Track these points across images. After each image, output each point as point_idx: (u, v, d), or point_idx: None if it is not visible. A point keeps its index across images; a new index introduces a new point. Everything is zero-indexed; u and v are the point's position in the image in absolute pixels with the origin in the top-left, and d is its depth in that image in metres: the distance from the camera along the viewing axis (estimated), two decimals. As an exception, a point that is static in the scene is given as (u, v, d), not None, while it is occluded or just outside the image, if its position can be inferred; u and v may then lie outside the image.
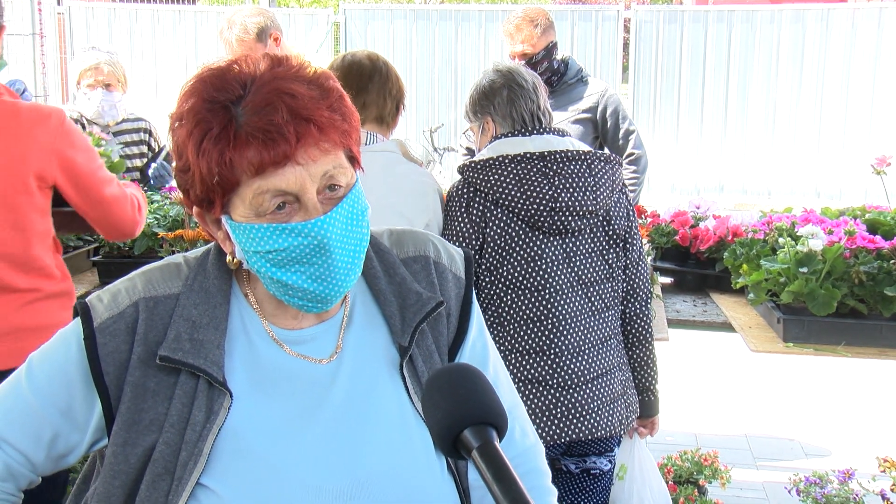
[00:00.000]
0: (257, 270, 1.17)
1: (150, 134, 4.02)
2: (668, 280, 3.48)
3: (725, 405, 5.12)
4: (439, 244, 1.35)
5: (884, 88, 9.25)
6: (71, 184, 2.23)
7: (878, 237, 2.87)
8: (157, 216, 3.27)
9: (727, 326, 3.05)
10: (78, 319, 1.20)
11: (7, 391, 1.22)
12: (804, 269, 2.79)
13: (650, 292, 2.49)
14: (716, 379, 5.54)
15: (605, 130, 3.92)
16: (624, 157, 3.97)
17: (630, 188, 3.97)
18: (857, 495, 3.20)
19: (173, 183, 3.52)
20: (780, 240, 2.96)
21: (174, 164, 1.20)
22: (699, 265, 3.40)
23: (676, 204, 3.70)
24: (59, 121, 2.19)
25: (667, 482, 3.46)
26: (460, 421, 0.93)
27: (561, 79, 3.89)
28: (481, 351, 1.34)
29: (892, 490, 3.09)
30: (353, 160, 1.19)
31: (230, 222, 1.15)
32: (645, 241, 3.14)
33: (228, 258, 1.21)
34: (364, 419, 1.21)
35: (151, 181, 3.78)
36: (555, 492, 1.39)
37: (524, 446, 1.36)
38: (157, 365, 1.17)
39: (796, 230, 2.99)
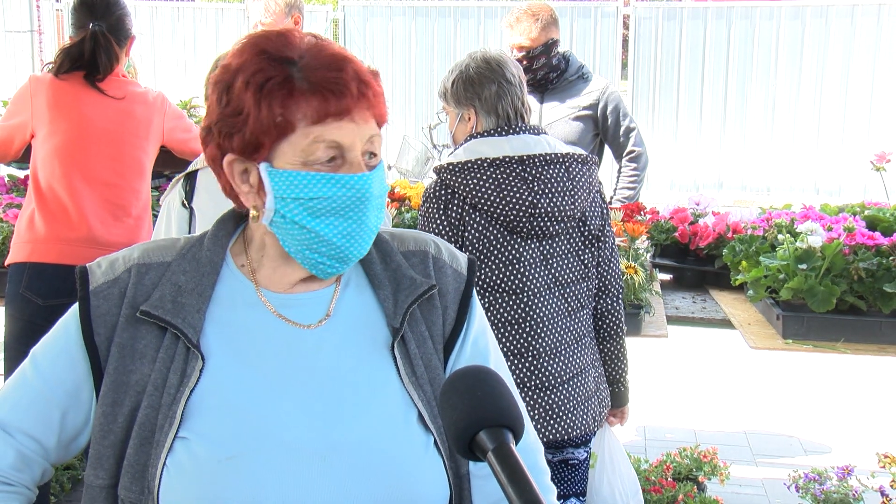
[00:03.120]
0: (290, 219, 1.19)
1: None
2: (667, 277, 3.48)
3: (724, 402, 5.12)
4: (441, 244, 1.38)
5: (883, 85, 9.23)
6: (172, 141, 3.16)
7: (877, 234, 2.87)
8: (156, 212, 3.27)
9: (726, 323, 3.05)
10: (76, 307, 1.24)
11: (14, 383, 1.26)
12: (803, 266, 2.79)
13: (622, 288, 2.51)
14: (715, 376, 5.54)
15: (605, 127, 3.91)
16: (625, 154, 3.96)
17: (630, 185, 3.97)
18: (856, 492, 3.20)
19: None
20: (780, 236, 2.96)
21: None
22: (698, 262, 3.40)
23: (676, 200, 3.71)
24: (162, 99, 3.13)
25: (666, 478, 3.47)
26: (476, 423, 0.94)
27: (561, 75, 3.87)
28: (483, 350, 1.35)
29: (891, 486, 3.09)
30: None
31: (270, 169, 1.18)
32: (644, 237, 3.14)
33: (253, 213, 1.23)
34: (346, 388, 1.22)
35: None
36: (554, 490, 1.40)
37: (524, 444, 1.36)
38: (145, 327, 1.20)
39: (795, 227, 2.99)
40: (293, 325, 1.25)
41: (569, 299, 2.36)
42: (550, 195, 2.29)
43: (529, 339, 2.31)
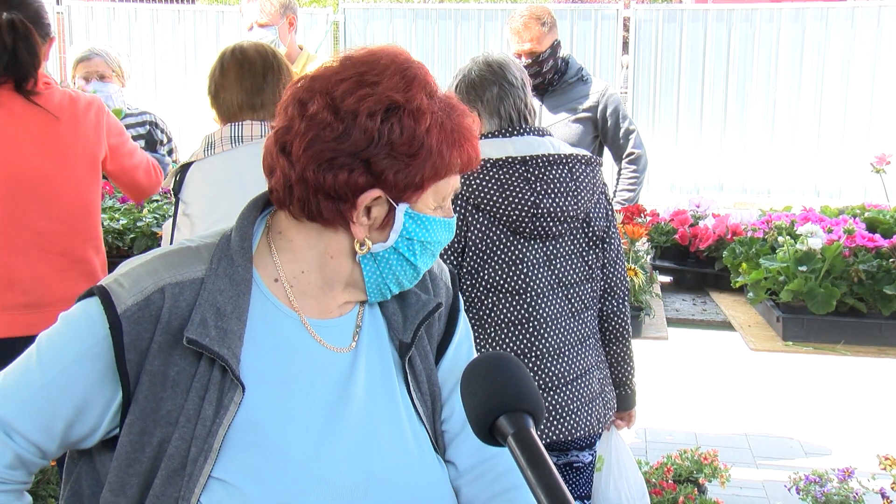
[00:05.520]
0: (402, 255, 1.20)
1: (156, 126, 3.97)
2: (667, 279, 3.48)
3: (725, 404, 5.12)
4: None
5: (883, 87, 9.24)
6: (111, 158, 2.63)
7: (877, 235, 2.87)
8: (157, 215, 3.26)
9: (726, 325, 3.05)
10: (92, 304, 1.16)
11: (18, 379, 1.17)
12: (803, 268, 2.79)
13: (627, 290, 2.50)
14: (715, 378, 5.54)
15: (605, 130, 3.92)
16: (624, 156, 3.96)
17: (630, 187, 3.97)
18: (856, 494, 3.20)
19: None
20: (780, 238, 2.96)
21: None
22: (698, 264, 3.40)
23: (676, 203, 3.70)
24: (98, 109, 2.57)
25: (666, 481, 3.47)
26: (496, 408, 0.96)
27: (561, 77, 3.88)
28: (467, 353, 1.37)
29: (892, 488, 3.09)
30: None
31: (409, 212, 1.17)
32: (644, 239, 3.14)
33: (357, 245, 1.18)
34: (377, 415, 1.22)
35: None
36: None
37: None
38: (178, 353, 1.14)
39: (795, 229, 2.99)
40: (330, 350, 1.23)
41: (573, 300, 2.36)
42: (553, 195, 2.29)
43: (533, 339, 2.31)
